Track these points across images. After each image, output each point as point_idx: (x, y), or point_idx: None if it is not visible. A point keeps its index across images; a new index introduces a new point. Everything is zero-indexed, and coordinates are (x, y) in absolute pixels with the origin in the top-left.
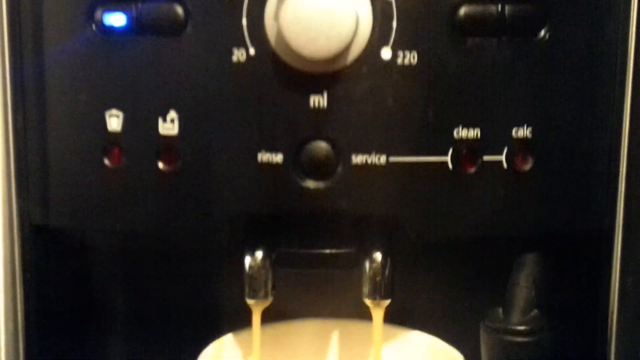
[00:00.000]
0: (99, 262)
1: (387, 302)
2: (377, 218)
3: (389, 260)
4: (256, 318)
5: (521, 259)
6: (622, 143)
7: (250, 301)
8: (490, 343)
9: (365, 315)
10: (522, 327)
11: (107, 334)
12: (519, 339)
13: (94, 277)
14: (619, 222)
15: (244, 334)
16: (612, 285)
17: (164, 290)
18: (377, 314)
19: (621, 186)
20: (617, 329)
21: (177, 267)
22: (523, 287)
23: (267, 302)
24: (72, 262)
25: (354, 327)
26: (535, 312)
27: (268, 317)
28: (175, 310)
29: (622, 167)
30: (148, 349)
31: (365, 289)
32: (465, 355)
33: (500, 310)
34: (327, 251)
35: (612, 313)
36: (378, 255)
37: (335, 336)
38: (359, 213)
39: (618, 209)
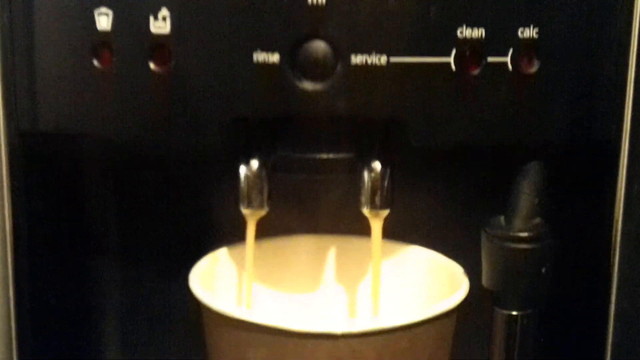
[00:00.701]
0: (89, 172)
1: (386, 212)
2: (376, 122)
3: (388, 169)
4: (251, 228)
5: (525, 166)
6: (631, 46)
7: (245, 210)
8: (491, 251)
9: (364, 231)
10: (524, 234)
11: (97, 248)
12: (521, 246)
13: (83, 187)
14: (626, 128)
15: (238, 248)
16: (618, 193)
17: (157, 202)
18: (376, 225)
19: (629, 92)
20: (622, 237)
21: (170, 178)
22: (526, 194)
23: (263, 212)
24: (62, 172)
25: (353, 242)
26: (538, 219)
27: (264, 231)
28: (169, 223)
29: (631, 72)
30: (140, 264)
31: (364, 199)
32: (466, 268)
33: (502, 218)
34: (325, 156)
35: (617, 222)
36: (377, 164)
37: (333, 252)
38: (358, 116)
39: (625, 115)
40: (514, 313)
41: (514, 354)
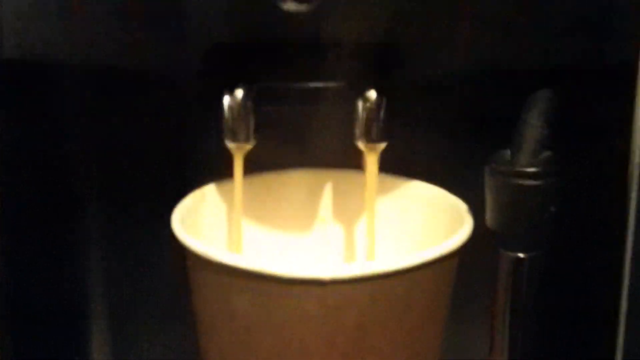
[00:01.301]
0: (64, 104)
1: (383, 145)
2: (369, 47)
3: (384, 98)
4: (238, 163)
5: (533, 95)
6: None
7: (230, 144)
8: (495, 187)
9: (360, 166)
10: (531, 169)
11: (75, 187)
12: (528, 182)
13: (58, 121)
14: None
15: (227, 184)
16: (635, 121)
17: (139, 137)
18: (371, 159)
19: None
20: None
21: (151, 113)
22: (534, 126)
23: (249, 146)
24: (36, 104)
25: (351, 177)
26: (547, 153)
27: (254, 166)
28: (151, 159)
29: None
30: (121, 203)
31: (358, 131)
32: (469, 208)
33: (508, 152)
34: (314, 85)
35: (634, 153)
36: (372, 93)
37: (329, 187)
38: (348, 40)
39: None
40: (520, 255)
41: (519, 299)
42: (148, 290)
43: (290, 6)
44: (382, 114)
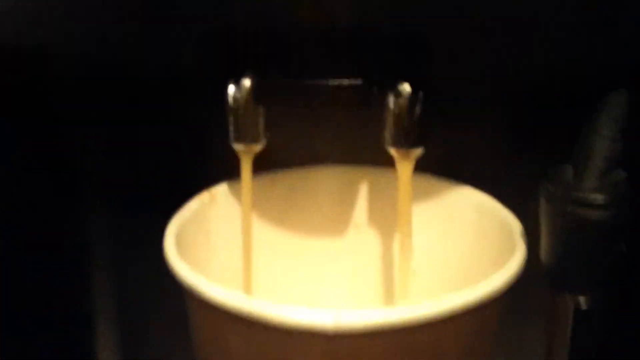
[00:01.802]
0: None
1: (418, 151)
2: (399, 36)
3: (420, 94)
4: (245, 168)
5: (604, 99)
6: None
7: (236, 146)
8: (551, 214)
9: None
10: (598, 197)
11: (82, 183)
12: (594, 213)
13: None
14: None
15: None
16: None
17: (145, 133)
18: (404, 167)
19: None
20: None
21: (155, 108)
22: (604, 137)
23: (258, 147)
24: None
25: (387, 175)
26: (618, 174)
27: (274, 162)
28: (160, 157)
29: None
30: (129, 202)
31: (388, 134)
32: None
33: (569, 168)
34: (329, 82)
35: None
36: (405, 87)
37: (363, 186)
38: (373, 27)
39: None
40: (581, 301)
41: (579, 353)
42: (156, 292)
43: None
44: (416, 112)
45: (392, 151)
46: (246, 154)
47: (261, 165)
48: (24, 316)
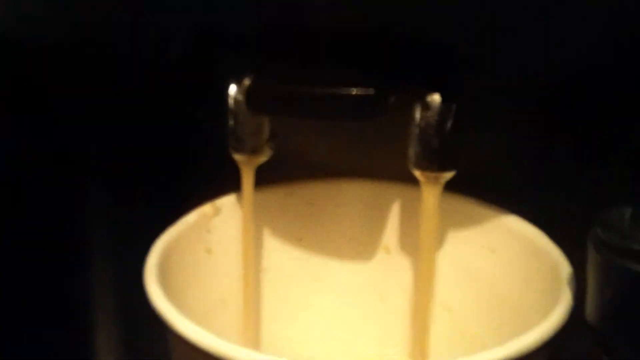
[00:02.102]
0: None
1: (448, 175)
2: (427, 41)
3: (453, 106)
4: (246, 181)
5: None
6: None
7: (236, 156)
8: (601, 264)
9: None
10: None
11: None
12: None
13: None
14: None
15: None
16: None
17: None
18: (431, 193)
19: None
20: None
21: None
22: None
23: (261, 158)
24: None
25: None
26: None
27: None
28: (160, 158)
29: None
30: (129, 203)
31: (413, 153)
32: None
33: (627, 211)
34: (336, 90)
35: None
36: (435, 98)
37: (394, 205)
38: (391, 27)
39: None
40: None
41: None
42: None
43: None
44: (448, 128)
45: (417, 174)
46: (247, 165)
47: (271, 174)
48: (24, 315)
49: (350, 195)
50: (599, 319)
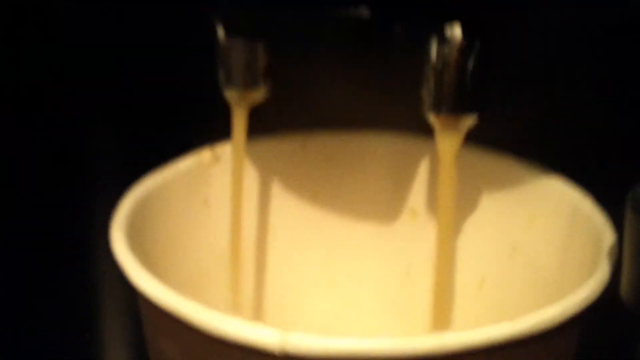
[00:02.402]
0: None
1: (469, 120)
2: None
3: (477, 42)
4: (238, 123)
5: None
6: None
7: (227, 92)
8: (638, 231)
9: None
10: None
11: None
12: None
13: None
14: None
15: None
16: None
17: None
18: (448, 141)
19: None
20: None
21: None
22: None
23: (255, 95)
24: None
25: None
26: None
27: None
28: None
29: None
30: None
31: (427, 93)
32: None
33: None
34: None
35: None
36: (455, 31)
37: (424, 160)
38: None
39: None
40: None
41: None
42: None
43: None
44: (471, 66)
45: (432, 118)
46: (239, 104)
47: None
48: (25, 314)
49: (373, 150)
50: (635, 295)
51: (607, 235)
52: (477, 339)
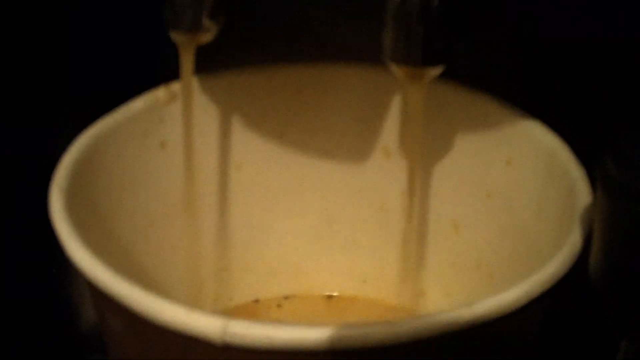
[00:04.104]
0: None
1: (435, 72)
2: None
3: None
4: (186, 61)
5: None
6: None
7: (173, 34)
8: (610, 209)
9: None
10: None
11: None
12: None
13: None
14: None
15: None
16: None
17: None
18: (414, 93)
19: None
20: None
21: None
22: None
23: (203, 38)
24: None
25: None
26: None
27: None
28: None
29: None
30: None
31: (389, 40)
32: None
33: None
34: None
35: None
36: None
37: (398, 96)
38: None
39: None
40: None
41: None
42: None
43: None
44: (436, 12)
45: (394, 68)
46: (186, 46)
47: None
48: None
49: (345, 84)
50: (604, 278)
51: (582, 191)
52: (430, 326)
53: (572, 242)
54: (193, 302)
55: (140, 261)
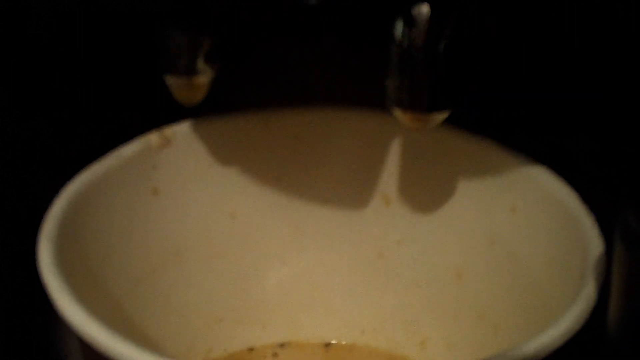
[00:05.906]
0: None
1: (439, 117)
2: None
3: (449, 22)
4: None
5: None
6: None
7: (169, 79)
8: (628, 261)
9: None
10: None
11: None
12: None
13: None
14: None
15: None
16: None
17: None
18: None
19: None
20: None
21: None
22: None
23: (199, 80)
24: None
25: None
26: None
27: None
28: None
29: None
30: None
31: (392, 85)
32: None
33: None
34: None
35: None
36: (423, 10)
37: (398, 141)
38: None
39: None
40: None
41: None
42: None
43: None
44: (442, 52)
45: (398, 114)
46: (180, 89)
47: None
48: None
49: (343, 129)
50: (625, 333)
51: (593, 241)
52: None
53: (587, 295)
54: (186, 354)
55: (132, 314)
